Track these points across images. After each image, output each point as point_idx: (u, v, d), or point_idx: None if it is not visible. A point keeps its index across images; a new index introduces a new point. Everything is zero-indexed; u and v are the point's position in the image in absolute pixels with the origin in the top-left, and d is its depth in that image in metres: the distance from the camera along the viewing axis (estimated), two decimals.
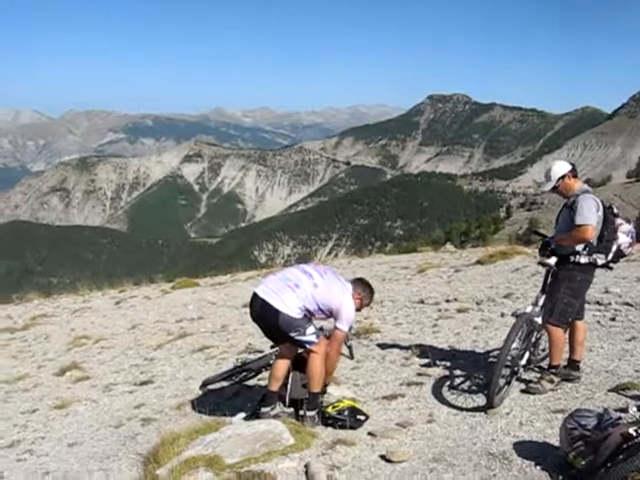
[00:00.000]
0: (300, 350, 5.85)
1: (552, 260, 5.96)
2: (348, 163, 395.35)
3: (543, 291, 6.11)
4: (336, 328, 5.66)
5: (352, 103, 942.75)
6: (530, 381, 6.21)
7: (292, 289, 5.54)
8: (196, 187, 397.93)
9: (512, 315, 6.15)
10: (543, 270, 6.25)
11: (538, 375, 6.21)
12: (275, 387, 5.78)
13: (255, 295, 5.68)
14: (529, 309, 6.01)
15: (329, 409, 5.68)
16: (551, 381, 6.06)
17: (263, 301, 5.56)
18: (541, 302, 6.04)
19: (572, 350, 6.23)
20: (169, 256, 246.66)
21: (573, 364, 6.20)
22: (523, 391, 6.08)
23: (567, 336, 6.21)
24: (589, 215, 5.73)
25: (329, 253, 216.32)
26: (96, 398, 8.08)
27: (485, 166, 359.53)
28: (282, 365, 5.77)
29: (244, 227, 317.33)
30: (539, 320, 5.98)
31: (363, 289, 6.02)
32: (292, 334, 5.49)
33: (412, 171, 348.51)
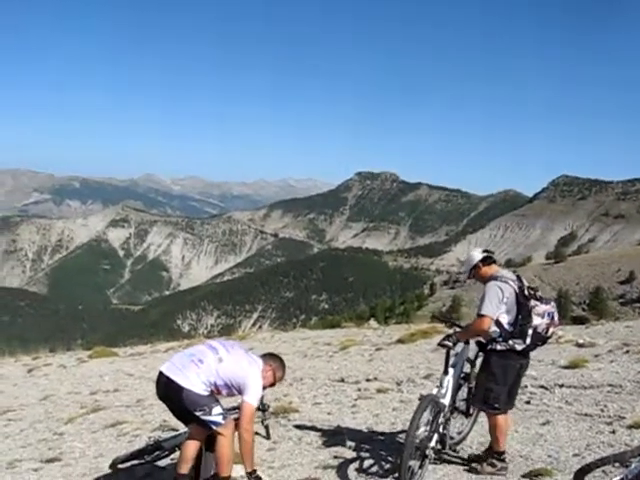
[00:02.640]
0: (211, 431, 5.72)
1: (449, 342, 6.11)
2: (276, 235, 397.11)
3: (445, 372, 6.20)
4: (244, 402, 5.47)
5: (282, 176, 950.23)
6: (473, 460, 6.27)
7: (196, 364, 5.40)
8: (121, 252, 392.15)
9: (418, 398, 6.19)
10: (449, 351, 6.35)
11: (482, 456, 6.22)
12: (184, 470, 5.56)
13: (160, 373, 5.52)
14: (434, 391, 6.09)
15: None
16: (492, 465, 6.08)
17: (168, 379, 5.40)
18: (445, 383, 6.11)
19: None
20: (89, 322, 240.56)
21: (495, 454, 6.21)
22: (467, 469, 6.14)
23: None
24: (488, 305, 5.89)
25: (254, 325, 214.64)
26: None
27: (410, 243, 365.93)
28: (191, 447, 5.57)
29: (168, 295, 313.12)
30: (445, 401, 6.03)
31: (274, 361, 5.90)
32: (197, 413, 5.31)
33: (339, 246, 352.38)
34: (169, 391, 5.41)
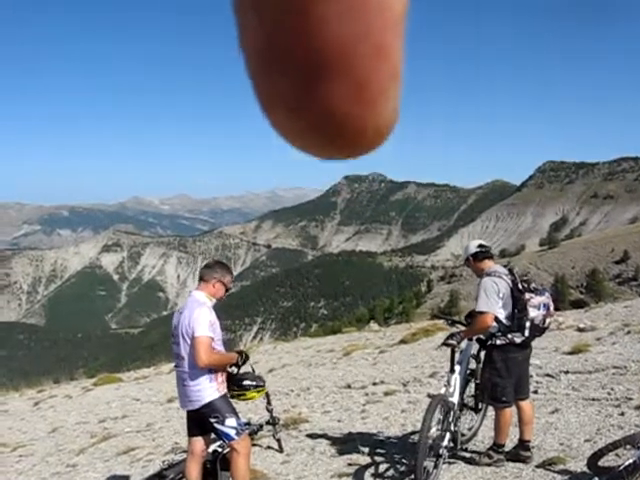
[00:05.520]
0: (218, 448, 5.81)
1: (454, 340, 6.12)
2: (269, 246, 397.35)
3: (452, 371, 6.25)
4: (193, 339, 5.27)
5: (270, 187, 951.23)
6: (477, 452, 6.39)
7: (185, 384, 5.41)
8: (115, 277, 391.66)
9: (428, 397, 6.26)
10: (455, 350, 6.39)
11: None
12: None
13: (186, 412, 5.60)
14: (443, 390, 6.13)
15: None
16: (489, 456, 6.15)
17: (188, 413, 5.51)
18: (453, 382, 6.16)
19: (519, 430, 6.29)
20: (90, 350, 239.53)
21: (522, 444, 6.24)
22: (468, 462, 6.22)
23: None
24: (487, 302, 5.96)
25: (254, 337, 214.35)
26: None
27: (403, 242, 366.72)
28: (192, 467, 5.56)
29: (167, 315, 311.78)
30: (454, 400, 6.08)
31: (214, 271, 5.66)
32: (212, 420, 5.31)
33: (332, 251, 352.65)
34: (198, 416, 5.43)
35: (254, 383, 5.85)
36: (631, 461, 4.55)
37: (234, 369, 5.74)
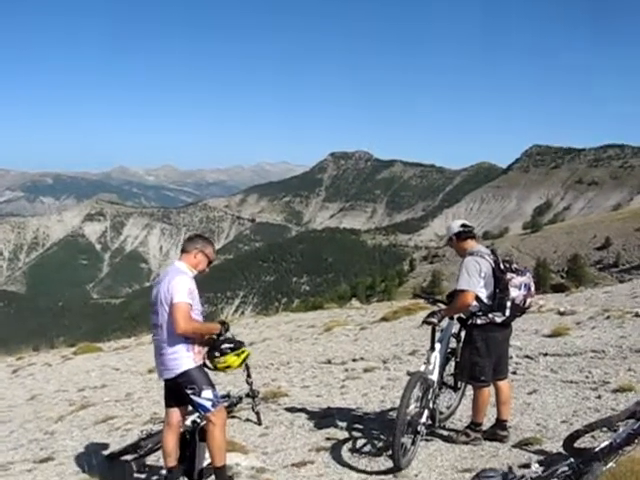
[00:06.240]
0: (197, 419, 5.89)
1: (434, 318, 6.14)
2: (253, 220, 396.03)
3: (432, 349, 6.26)
4: (172, 305, 5.23)
5: (256, 161, 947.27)
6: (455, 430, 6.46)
7: (161, 352, 5.43)
8: (98, 246, 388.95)
9: (407, 374, 6.27)
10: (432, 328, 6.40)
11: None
12: (172, 462, 5.57)
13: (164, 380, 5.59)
14: (422, 367, 6.15)
15: None
16: (466, 435, 6.21)
17: (165, 381, 5.52)
18: (432, 359, 6.17)
19: (497, 410, 6.33)
20: (70, 319, 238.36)
21: (499, 423, 6.29)
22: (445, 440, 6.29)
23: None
24: (468, 280, 5.98)
25: (236, 311, 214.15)
26: None
27: (388, 221, 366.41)
28: (169, 438, 5.57)
29: (148, 286, 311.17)
30: (433, 377, 6.10)
31: (196, 242, 5.64)
32: (188, 391, 5.32)
33: (316, 227, 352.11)
34: (175, 386, 5.43)
35: (232, 345, 5.78)
36: (607, 443, 4.59)
37: (215, 337, 5.70)
